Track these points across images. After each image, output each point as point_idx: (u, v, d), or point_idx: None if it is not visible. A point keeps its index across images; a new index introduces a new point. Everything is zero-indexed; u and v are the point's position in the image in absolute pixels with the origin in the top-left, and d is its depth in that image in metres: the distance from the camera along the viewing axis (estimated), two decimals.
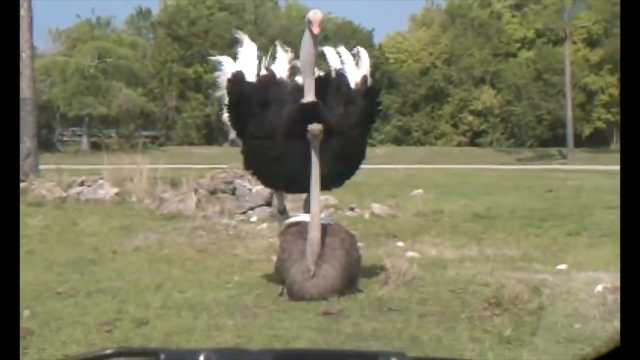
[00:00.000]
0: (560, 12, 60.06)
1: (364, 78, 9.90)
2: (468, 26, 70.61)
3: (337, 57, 10.12)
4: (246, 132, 9.78)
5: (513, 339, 7.23)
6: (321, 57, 10.07)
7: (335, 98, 9.56)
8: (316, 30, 9.14)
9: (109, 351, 2.10)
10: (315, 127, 8.80)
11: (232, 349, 2.06)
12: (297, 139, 9.01)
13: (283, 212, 10.36)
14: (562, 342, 7.18)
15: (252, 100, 9.72)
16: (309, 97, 9.17)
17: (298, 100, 9.31)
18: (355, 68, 9.96)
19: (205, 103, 67.56)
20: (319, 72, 9.88)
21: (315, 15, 9.24)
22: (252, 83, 9.94)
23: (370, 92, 10.07)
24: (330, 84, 9.77)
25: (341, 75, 9.88)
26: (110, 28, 71.24)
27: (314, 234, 8.90)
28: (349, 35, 71.28)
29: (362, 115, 9.72)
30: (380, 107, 10.61)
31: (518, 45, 70.03)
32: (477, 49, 68.57)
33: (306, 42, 9.36)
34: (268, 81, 9.96)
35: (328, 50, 10.21)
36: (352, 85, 9.81)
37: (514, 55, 69.57)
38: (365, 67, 10.02)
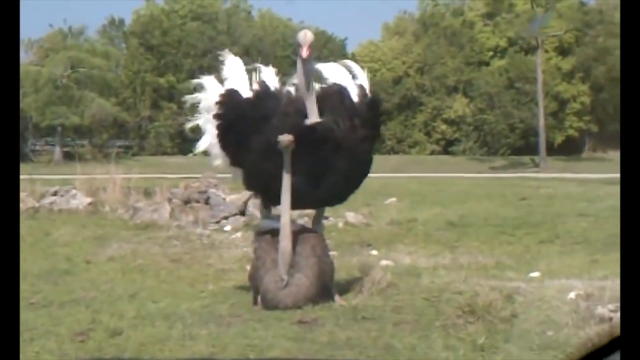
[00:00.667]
0: (532, 21, 60.41)
1: (364, 90, 9.68)
2: (441, 35, 70.85)
3: (336, 72, 9.81)
4: (247, 150, 9.46)
5: (487, 347, 7.26)
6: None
7: (339, 113, 9.26)
8: (305, 54, 8.91)
9: None
10: (285, 139, 8.79)
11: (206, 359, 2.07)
12: (304, 157, 8.92)
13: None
14: (535, 349, 7.22)
15: (250, 115, 9.48)
16: (313, 117, 8.97)
17: (298, 112, 9.13)
18: (353, 81, 9.71)
19: (178, 112, 67.30)
20: (320, 87, 9.54)
21: (304, 37, 9.00)
22: (248, 99, 9.69)
23: (372, 103, 9.86)
24: (333, 99, 9.42)
25: (343, 89, 9.54)
26: (82, 38, 70.97)
27: (285, 244, 8.92)
28: (322, 44, 71.39)
29: (368, 128, 9.52)
30: (382, 118, 10.39)
31: (490, 53, 70.34)
32: (450, 58, 68.80)
33: (299, 65, 9.11)
34: (264, 94, 9.68)
35: (324, 67, 9.94)
36: (355, 98, 9.54)
37: (487, 64, 69.86)
38: (364, 79, 9.82)
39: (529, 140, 64.77)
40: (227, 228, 16.82)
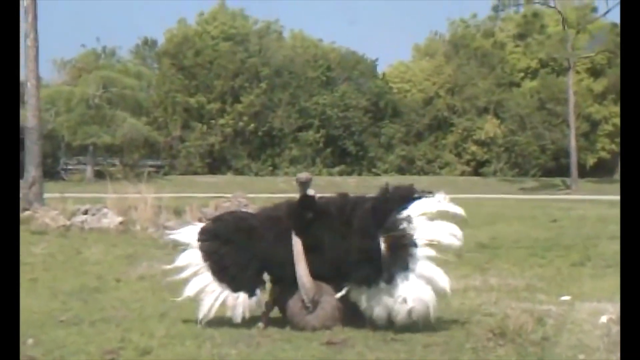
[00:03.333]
0: (563, 42, 60.23)
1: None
2: (471, 56, 70.80)
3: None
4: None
5: None
6: None
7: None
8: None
9: None
10: (303, 175, 9.12)
11: None
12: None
13: None
14: None
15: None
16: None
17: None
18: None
19: (208, 132, 67.64)
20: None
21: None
22: None
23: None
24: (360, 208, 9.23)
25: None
26: (115, 58, 71.55)
27: (302, 272, 8.91)
28: (352, 65, 71.55)
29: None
30: None
31: (521, 75, 70.20)
32: (481, 79, 68.71)
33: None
34: None
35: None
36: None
37: (518, 85, 69.72)
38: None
39: (560, 162, 64.47)
40: None
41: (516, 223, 23.92)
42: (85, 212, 21.00)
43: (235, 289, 9.12)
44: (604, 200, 39.26)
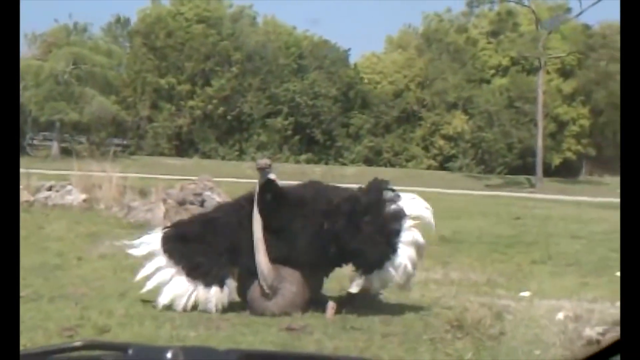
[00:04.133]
0: (535, 41, 60.54)
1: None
2: (443, 51, 70.91)
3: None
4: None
5: None
6: None
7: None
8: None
9: (78, 343, 2.11)
10: (263, 161, 9.22)
11: (199, 347, 2.07)
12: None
13: None
14: None
15: None
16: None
17: None
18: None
19: (177, 114, 67.40)
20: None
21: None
22: None
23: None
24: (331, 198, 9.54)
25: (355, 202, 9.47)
26: (87, 34, 70.90)
27: (261, 259, 8.93)
28: (324, 53, 71.46)
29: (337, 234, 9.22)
30: None
31: (492, 72, 70.42)
32: (451, 74, 68.84)
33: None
34: None
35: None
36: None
37: (488, 82, 69.94)
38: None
39: (526, 161, 64.82)
40: None
41: (480, 219, 24.07)
42: (50, 189, 20.87)
43: (206, 284, 9.13)
44: (568, 200, 39.59)
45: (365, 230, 9.07)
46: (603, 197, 40.01)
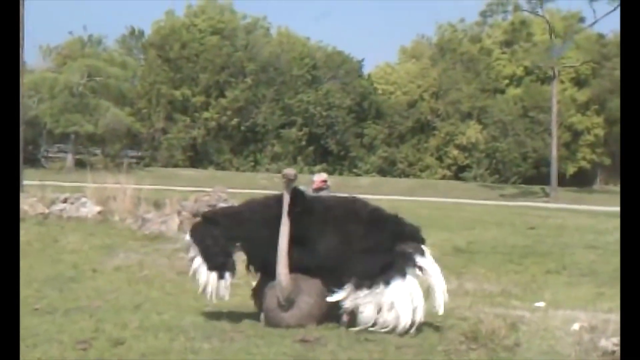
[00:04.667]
0: (549, 51, 60.40)
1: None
2: (457, 61, 70.93)
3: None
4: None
5: None
6: None
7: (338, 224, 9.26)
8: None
9: None
10: (289, 171, 9.10)
11: None
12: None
13: None
14: None
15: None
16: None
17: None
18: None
19: (191, 125, 67.54)
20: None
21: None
22: None
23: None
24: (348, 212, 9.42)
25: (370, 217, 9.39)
26: (101, 47, 71.26)
27: (282, 270, 8.91)
28: (338, 64, 71.51)
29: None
30: None
31: (506, 81, 70.36)
32: (465, 84, 68.83)
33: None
34: None
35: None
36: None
37: (502, 92, 69.86)
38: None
39: (540, 170, 64.66)
40: None
41: (494, 229, 23.99)
42: (64, 201, 20.91)
43: (210, 267, 9.19)
44: (583, 209, 39.45)
45: (379, 258, 8.98)
46: (618, 206, 39.83)
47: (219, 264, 9.21)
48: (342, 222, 9.19)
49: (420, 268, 9.05)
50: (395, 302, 8.82)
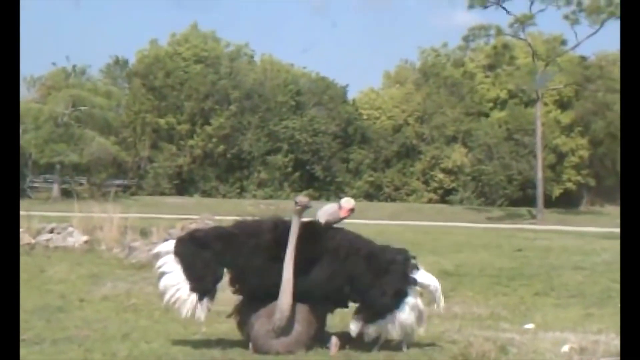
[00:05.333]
0: (532, 74, 60.67)
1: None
2: (441, 85, 71.16)
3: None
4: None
5: None
6: None
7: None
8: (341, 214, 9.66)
9: None
10: (303, 199, 9.15)
11: None
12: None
13: None
14: None
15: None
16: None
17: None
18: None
19: (177, 153, 67.52)
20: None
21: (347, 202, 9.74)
22: None
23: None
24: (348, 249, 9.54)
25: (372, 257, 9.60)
26: (85, 76, 71.13)
27: (285, 300, 8.89)
28: (322, 90, 71.69)
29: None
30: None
31: (490, 105, 70.59)
32: (450, 108, 69.03)
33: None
34: None
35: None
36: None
37: (486, 115, 70.07)
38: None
39: (526, 192, 64.77)
40: None
41: (481, 251, 24.01)
42: (51, 231, 20.86)
43: (193, 288, 9.18)
44: (569, 231, 39.52)
45: (379, 283, 9.19)
46: (604, 227, 39.97)
47: (204, 288, 9.20)
48: (345, 255, 9.30)
49: (417, 282, 9.44)
50: (404, 321, 9.20)
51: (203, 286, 9.22)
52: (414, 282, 9.38)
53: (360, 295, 9.25)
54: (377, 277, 9.21)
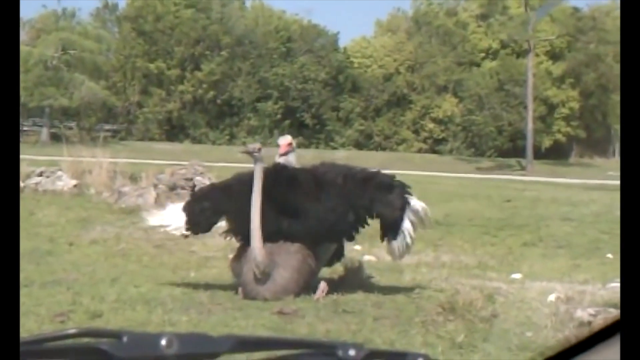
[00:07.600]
0: (525, 24, 60.46)
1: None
2: (433, 34, 70.82)
3: None
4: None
5: (465, 345, 7.30)
6: None
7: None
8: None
9: (72, 331, 2.11)
10: (253, 145, 9.48)
11: (192, 333, 2.07)
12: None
13: None
14: (513, 349, 7.26)
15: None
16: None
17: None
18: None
19: (167, 99, 67.24)
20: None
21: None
22: None
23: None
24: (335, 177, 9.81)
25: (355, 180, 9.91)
26: (75, 20, 70.51)
27: (256, 246, 8.95)
28: (313, 37, 71.30)
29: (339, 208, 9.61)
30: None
31: (482, 55, 70.37)
32: (441, 57, 68.75)
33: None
34: None
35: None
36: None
37: (478, 65, 69.87)
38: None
39: (516, 143, 64.86)
40: None
41: (471, 202, 24.09)
42: (40, 174, 20.81)
43: (187, 229, 9.78)
44: (558, 182, 39.67)
45: (386, 199, 9.70)
46: (593, 179, 40.13)
47: (200, 228, 9.81)
48: (335, 185, 9.46)
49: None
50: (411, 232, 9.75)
51: (199, 227, 9.75)
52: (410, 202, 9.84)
53: (376, 215, 9.65)
54: (383, 195, 9.65)
